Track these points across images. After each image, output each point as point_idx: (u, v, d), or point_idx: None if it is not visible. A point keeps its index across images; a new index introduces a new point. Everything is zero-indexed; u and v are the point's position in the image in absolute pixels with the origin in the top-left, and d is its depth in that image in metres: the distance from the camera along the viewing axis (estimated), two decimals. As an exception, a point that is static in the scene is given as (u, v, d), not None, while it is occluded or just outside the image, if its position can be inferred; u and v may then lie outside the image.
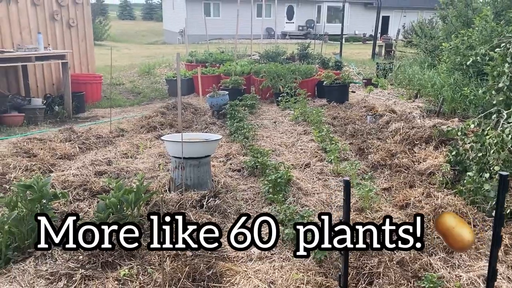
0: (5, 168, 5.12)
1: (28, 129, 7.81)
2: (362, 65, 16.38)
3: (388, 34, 31.44)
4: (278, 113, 8.93)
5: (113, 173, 5.21)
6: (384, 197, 4.73)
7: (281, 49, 14.13)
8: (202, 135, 5.48)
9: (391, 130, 6.83)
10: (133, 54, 22.36)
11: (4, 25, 8.82)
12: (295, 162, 5.84)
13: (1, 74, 8.71)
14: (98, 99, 10.43)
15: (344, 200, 2.07)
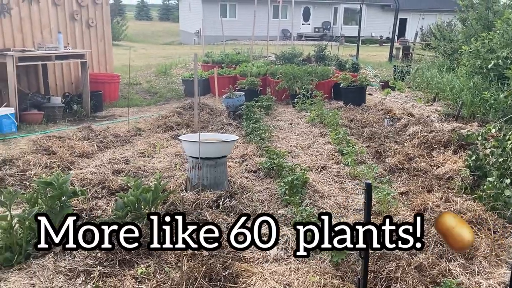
0: (25, 165, 5.21)
1: (47, 127, 7.94)
2: (379, 68, 16.25)
3: (405, 36, 31.14)
4: (294, 115, 8.91)
5: (131, 172, 5.25)
6: (401, 201, 4.68)
7: (297, 50, 14.10)
8: (219, 136, 5.50)
9: (409, 134, 6.75)
10: (149, 54, 22.57)
11: (25, 24, 8.98)
12: (311, 164, 5.81)
13: (22, 72, 8.86)
14: (115, 98, 10.56)
15: (365, 203, 2.05)
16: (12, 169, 5.07)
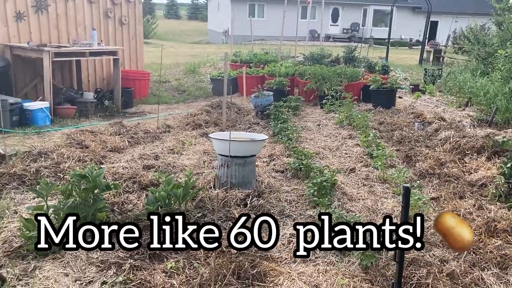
0: (59, 157, 5.35)
1: (80, 121, 8.14)
2: (408, 71, 15.97)
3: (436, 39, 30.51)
4: (322, 116, 8.86)
5: (161, 167, 5.33)
6: (432, 207, 4.60)
7: (326, 51, 14.01)
8: (248, 135, 5.52)
9: (440, 138, 6.62)
10: (178, 52, 22.81)
11: (61, 21, 9.23)
12: (340, 166, 5.77)
13: (57, 68, 9.12)
14: (145, 95, 10.73)
15: (403, 206, 2.02)
16: (47, 161, 5.22)
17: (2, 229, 3.92)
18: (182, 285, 3.07)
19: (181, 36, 39.56)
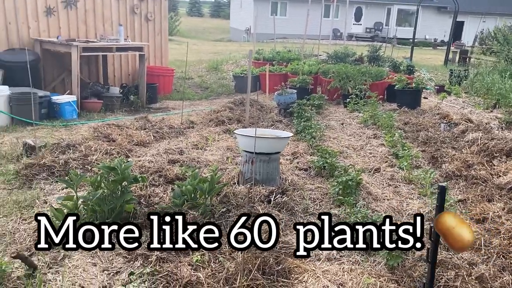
0: (87, 150, 5.46)
1: (105, 115, 8.27)
2: (433, 71, 15.71)
3: (461, 40, 29.91)
4: (345, 115, 8.79)
5: (185, 162, 5.38)
6: (459, 209, 4.52)
7: (350, 50, 13.88)
8: (272, 132, 5.52)
9: (467, 140, 6.49)
10: (200, 50, 22.97)
11: (89, 16, 9.40)
12: (364, 166, 5.72)
13: (84, 62, 9.28)
14: (169, 91, 10.84)
15: (437, 206, 1.99)
16: (75, 153, 5.32)
17: (33, 218, 4.02)
18: (208, 278, 3.09)
19: (203, 33, 39.78)
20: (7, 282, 3.01)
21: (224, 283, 3.02)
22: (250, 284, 3.04)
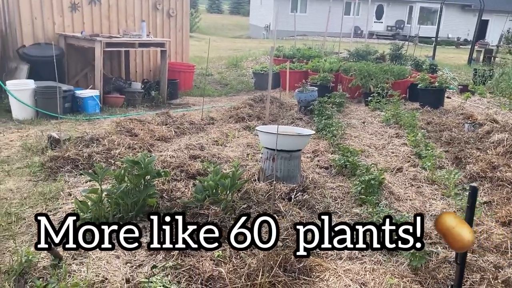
0: (110, 144, 5.53)
1: (127, 110, 8.37)
2: (456, 70, 15.42)
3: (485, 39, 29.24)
4: (367, 113, 8.70)
5: (206, 158, 5.40)
6: (484, 211, 4.43)
7: (371, 48, 13.73)
8: (294, 129, 5.49)
9: (492, 141, 6.35)
10: (219, 46, 23.01)
11: (113, 12, 9.51)
12: (386, 165, 5.65)
13: (107, 57, 9.39)
14: (189, 87, 10.90)
15: (468, 207, 1.95)
16: (99, 147, 5.40)
17: (58, 210, 4.10)
18: (229, 273, 3.10)
19: (222, 30, 39.85)
20: (34, 272, 3.08)
21: (246, 279, 3.03)
22: (272, 280, 3.04)
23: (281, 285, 3.03)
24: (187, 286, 2.96)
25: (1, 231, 3.69)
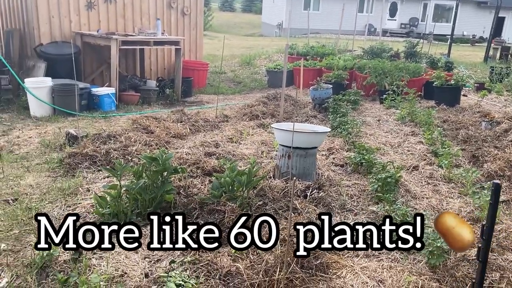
0: (127, 140, 5.59)
1: (142, 108, 8.44)
2: (472, 68, 15.23)
3: (502, 36, 28.79)
4: (382, 111, 8.65)
5: (221, 155, 5.43)
6: (502, 210, 4.38)
7: (386, 46, 13.63)
8: (309, 126, 5.49)
9: (510, 139, 6.27)
10: (232, 44, 23.04)
11: (128, 10, 9.59)
12: (402, 163, 5.61)
13: (122, 55, 9.49)
14: (203, 85, 10.95)
15: (491, 204, 1.94)
16: (116, 144, 5.47)
17: (77, 205, 4.16)
18: (247, 269, 3.12)
19: (235, 28, 39.88)
20: (55, 266, 3.13)
21: (264, 275, 3.04)
22: (289, 277, 3.05)
23: (298, 281, 3.04)
24: (205, 281, 2.98)
25: (22, 225, 3.76)
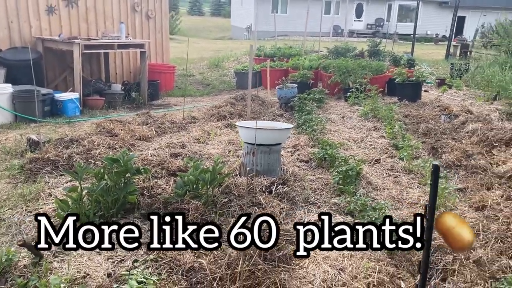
0: (90, 144, 5.53)
1: (108, 112, 8.34)
2: (434, 65, 15.73)
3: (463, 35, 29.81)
4: (346, 109, 8.84)
5: (187, 155, 5.44)
6: (458, 198, 4.56)
7: (350, 45, 13.92)
8: (274, 124, 5.57)
9: (467, 131, 6.53)
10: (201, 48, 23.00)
11: (91, 14, 9.47)
12: (364, 157, 5.76)
13: (86, 60, 9.35)
14: (171, 88, 10.91)
15: (431, 184, 2.04)
16: (79, 148, 5.39)
17: (38, 210, 4.09)
18: (210, 264, 3.15)
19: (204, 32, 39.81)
20: (14, 271, 3.08)
21: (226, 268, 3.08)
22: (252, 269, 3.10)
23: (260, 273, 3.09)
24: (167, 277, 3.00)
25: (-19, 232, 3.68)
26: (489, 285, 3.12)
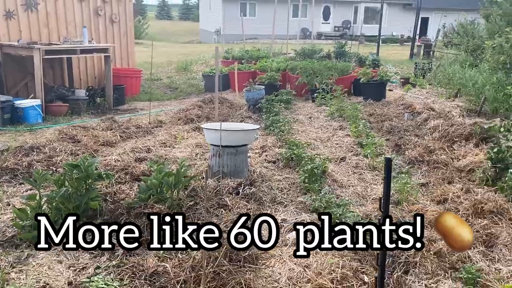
0: (52, 151, 5.38)
1: (72, 118, 8.14)
2: (399, 65, 16.12)
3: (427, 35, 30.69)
4: (313, 109, 8.94)
5: (152, 160, 5.37)
6: (421, 192, 4.68)
7: (317, 47, 14.10)
8: (240, 125, 5.57)
9: (429, 127, 6.72)
10: (170, 52, 22.80)
11: (51, 19, 9.23)
12: (330, 155, 5.83)
13: (48, 66, 9.09)
14: (137, 92, 10.75)
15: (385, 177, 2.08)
16: (39, 155, 5.24)
17: (-5, 220, 3.95)
18: (174, 267, 3.12)
19: (173, 36, 39.47)
20: (-31, 283, 2.96)
21: (190, 271, 3.05)
22: (216, 270, 3.08)
23: (225, 274, 3.08)
24: (130, 282, 2.94)
25: None
26: (449, 275, 3.21)
